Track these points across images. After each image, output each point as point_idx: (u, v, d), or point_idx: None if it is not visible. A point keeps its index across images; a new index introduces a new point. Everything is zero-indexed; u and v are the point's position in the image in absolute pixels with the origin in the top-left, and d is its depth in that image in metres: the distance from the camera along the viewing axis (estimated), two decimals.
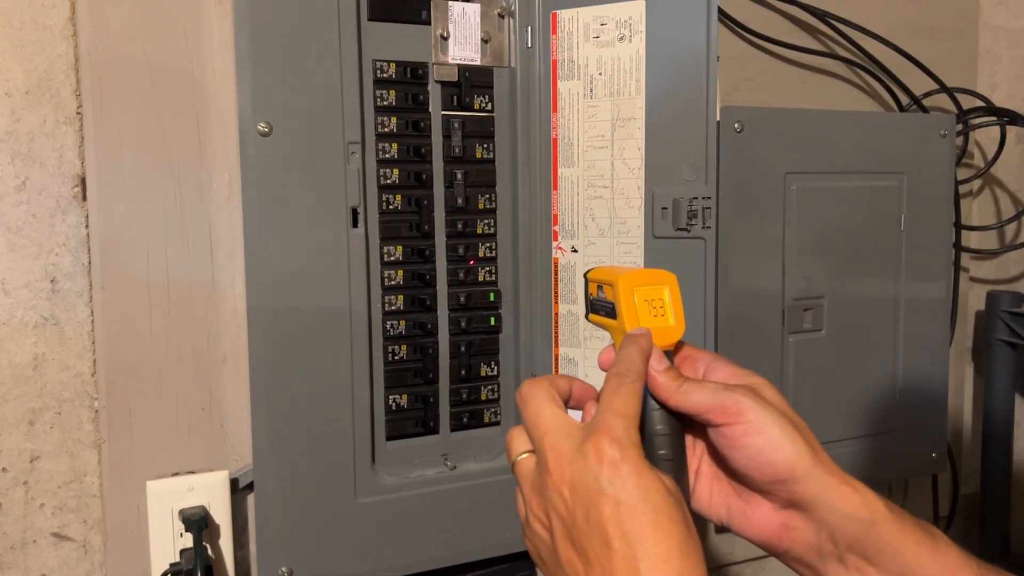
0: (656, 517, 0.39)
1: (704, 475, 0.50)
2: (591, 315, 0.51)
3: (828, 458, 0.45)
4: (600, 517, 0.40)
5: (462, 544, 0.76)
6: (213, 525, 0.72)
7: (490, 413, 0.79)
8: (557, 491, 0.42)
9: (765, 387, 0.47)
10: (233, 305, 0.73)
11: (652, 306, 0.48)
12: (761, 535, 0.47)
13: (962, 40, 1.07)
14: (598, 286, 0.50)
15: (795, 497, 0.45)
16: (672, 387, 0.46)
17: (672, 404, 0.46)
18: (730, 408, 0.44)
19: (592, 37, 0.75)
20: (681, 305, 0.49)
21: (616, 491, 0.40)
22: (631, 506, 0.39)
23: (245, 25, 0.66)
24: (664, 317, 0.48)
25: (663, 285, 0.48)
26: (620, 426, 0.42)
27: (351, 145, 0.70)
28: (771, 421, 0.44)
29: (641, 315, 0.48)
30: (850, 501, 0.44)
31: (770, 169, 0.83)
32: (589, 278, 0.51)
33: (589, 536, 0.40)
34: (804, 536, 0.46)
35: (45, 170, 0.68)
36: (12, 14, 0.66)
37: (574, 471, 0.41)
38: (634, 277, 0.48)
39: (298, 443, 0.70)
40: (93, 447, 0.71)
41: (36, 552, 0.70)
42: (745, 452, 0.45)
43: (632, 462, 0.40)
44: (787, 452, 0.44)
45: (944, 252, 0.94)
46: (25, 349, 0.68)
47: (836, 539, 0.44)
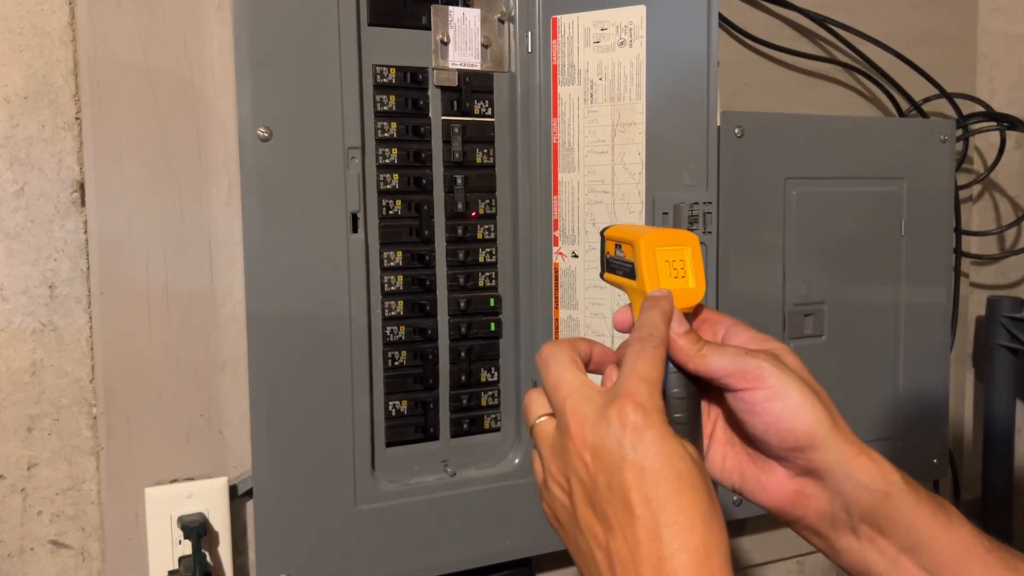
0: (680, 484, 0.39)
1: (718, 439, 0.49)
2: (607, 274, 0.49)
3: (847, 427, 0.44)
4: (623, 483, 0.39)
5: (462, 551, 0.76)
6: (212, 532, 0.71)
7: (490, 419, 0.79)
8: (579, 455, 0.41)
9: (786, 353, 0.46)
10: (232, 311, 0.73)
11: (673, 267, 0.47)
12: (774, 502, 0.47)
13: (961, 45, 1.07)
14: (616, 244, 0.48)
15: (812, 465, 0.44)
16: (692, 350, 0.45)
17: (691, 368, 0.45)
18: (751, 373, 0.43)
19: (592, 42, 0.75)
20: (702, 266, 0.47)
21: (640, 457, 0.39)
22: (655, 472, 0.39)
23: (245, 30, 0.66)
24: (684, 279, 0.47)
25: (685, 245, 0.47)
26: (644, 391, 0.41)
27: (351, 150, 0.70)
28: (792, 387, 0.43)
29: (662, 276, 0.46)
30: (867, 471, 0.43)
31: (770, 174, 0.83)
32: (607, 236, 0.49)
33: (611, 502, 0.40)
34: (818, 504, 0.45)
35: (44, 175, 0.68)
36: (11, 19, 0.66)
37: (597, 436, 0.41)
38: (656, 237, 0.46)
39: (297, 449, 0.70)
40: (91, 454, 0.70)
41: (34, 560, 0.69)
42: (764, 418, 0.44)
43: (656, 428, 0.40)
44: (807, 419, 0.43)
45: (944, 257, 0.94)
46: (23, 355, 0.68)
47: (850, 509, 0.44)
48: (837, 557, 0.47)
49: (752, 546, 0.96)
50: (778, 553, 0.97)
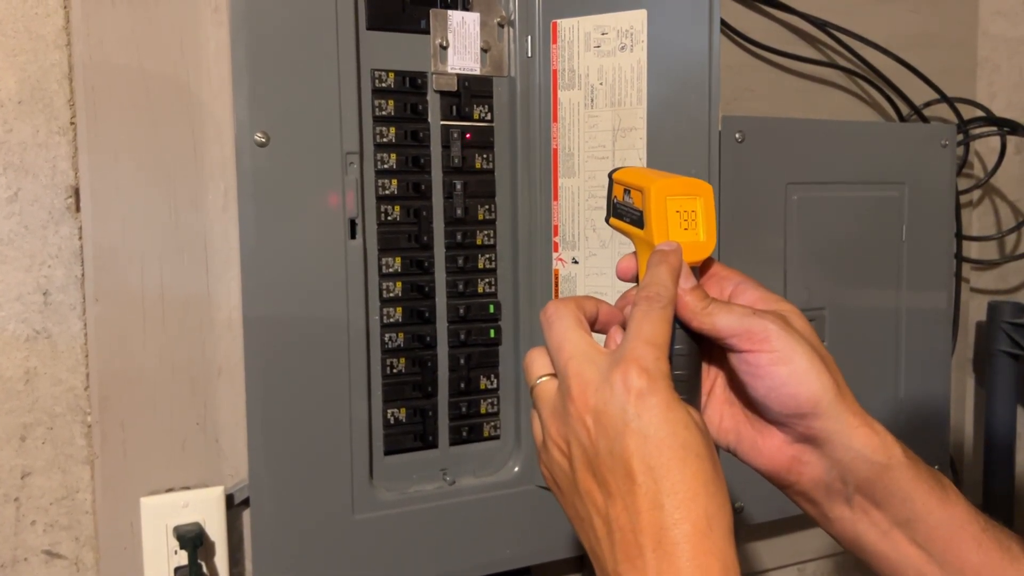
0: (684, 453, 0.38)
1: (716, 398, 0.48)
2: (612, 219, 0.47)
3: (851, 396, 0.43)
4: (625, 450, 0.38)
5: (461, 560, 0.75)
6: (208, 542, 0.70)
7: (490, 427, 0.78)
8: (580, 419, 0.40)
9: (794, 315, 0.45)
10: (228, 318, 0.72)
11: (683, 218, 0.44)
12: (769, 465, 0.46)
13: (961, 50, 1.06)
14: (625, 189, 0.46)
15: (812, 432, 0.43)
16: (697, 307, 0.43)
17: (695, 326, 0.43)
18: (757, 335, 0.42)
19: (593, 46, 0.74)
20: (714, 218, 0.45)
21: (643, 424, 0.38)
22: (658, 440, 0.38)
23: (242, 34, 0.65)
24: (695, 230, 0.44)
25: (697, 196, 0.44)
26: (650, 355, 0.39)
27: (349, 155, 0.69)
28: (799, 352, 0.42)
29: (671, 228, 0.44)
30: (868, 443, 0.43)
31: (771, 179, 0.82)
32: (615, 179, 0.46)
33: (612, 468, 0.39)
34: (814, 472, 0.44)
35: (38, 181, 0.67)
36: (5, 23, 0.65)
37: (599, 400, 0.39)
38: (668, 185, 0.44)
39: (294, 458, 0.69)
40: (86, 463, 0.69)
41: (27, 570, 0.68)
42: (768, 382, 0.43)
43: (661, 394, 0.39)
44: (812, 386, 0.42)
45: (945, 263, 0.93)
46: (16, 363, 0.67)
47: (846, 479, 0.43)
48: (828, 525, 0.46)
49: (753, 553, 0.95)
50: (779, 560, 0.97)
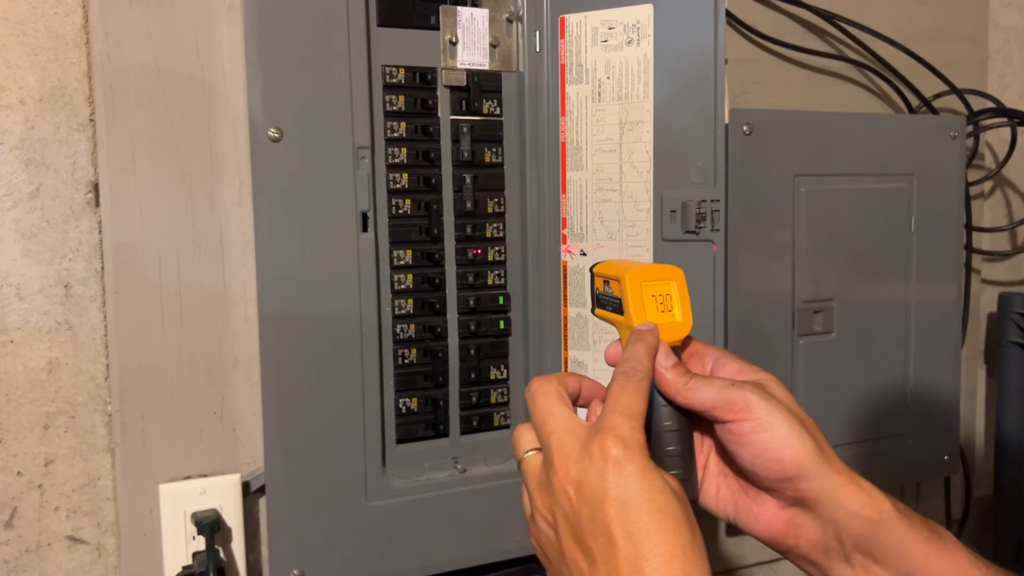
0: (661, 517, 0.39)
1: (711, 471, 0.50)
2: (597, 310, 0.50)
3: (835, 456, 0.45)
4: (605, 517, 0.40)
5: (473, 547, 0.76)
6: (225, 528, 0.72)
7: (500, 416, 0.79)
8: (563, 490, 0.42)
9: (773, 384, 0.47)
10: (244, 310, 0.73)
11: (659, 301, 0.47)
12: (767, 532, 0.47)
13: (972, 42, 1.06)
14: (604, 281, 0.49)
15: (801, 495, 0.45)
16: (679, 383, 0.46)
17: (679, 401, 0.46)
18: (738, 405, 0.44)
19: (600, 41, 0.75)
20: (688, 300, 0.48)
21: (621, 491, 0.40)
22: (636, 506, 0.40)
23: (255, 32, 0.67)
24: (671, 312, 0.48)
25: (671, 280, 0.48)
26: (625, 425, 0.42)
27: (361, 150, 0.71)
28: (779, 418, 0.44)
29: (648, 310, 0.47)
30: (856, 500, 0.44)
31: (779, 171, 0.83)
32: (596, 272, 0.50)
33: (594, 535, 0.40)
34: (810, 534, 0.46)
35: (59, 176, 0.69)
36: (26, 22, 0.67)
37: (580, 470, 0.41)
38: (642, 272, 0.47)
39: (309, 446, 0.70)
40: (107, 451, 0.71)
41: (51, 555, 0.70)
42: (752, 449, 0.44)
43: (637, 462, 0.40)
44: (794, 449, 0.44)
45: (955, 254, 0.94)
46: (39, 354, 0.69)
47: (842, 538, 0.44)
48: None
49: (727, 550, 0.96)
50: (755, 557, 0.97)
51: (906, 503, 0.45)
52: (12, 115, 0.67)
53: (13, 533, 0.69)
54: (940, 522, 1.10)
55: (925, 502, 1.07)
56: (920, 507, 1.07)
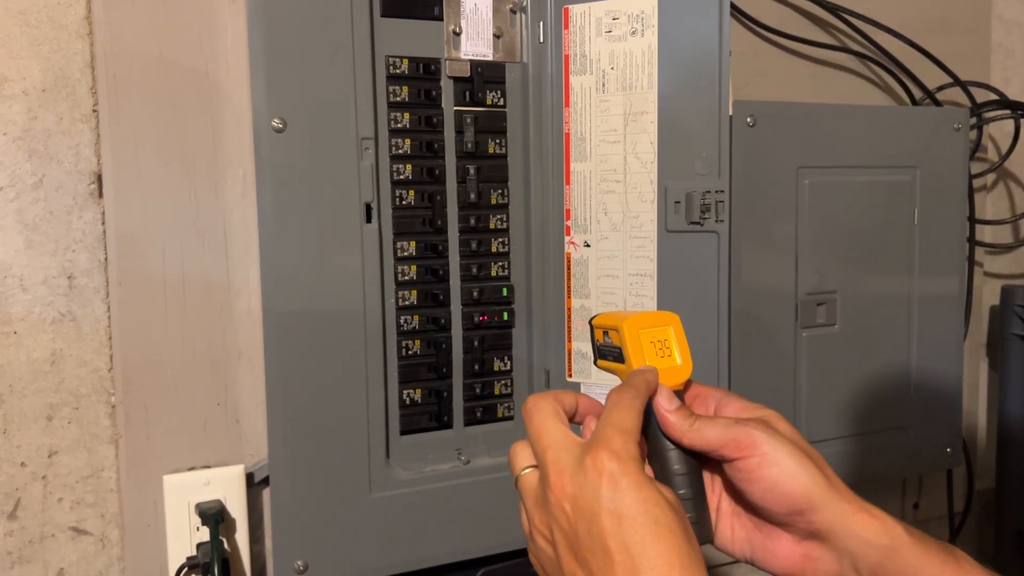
0: (657, 529, 0.40)
1: (725, 512, 0.50)
2: (599, 361, 0.51)
3: (843, 486, 0.45)
4: (601, 531, 0.40)
5: (476, 538, 0.76)
6: (229, 519, 0.72)
7: (503, 408, 0.79)
8: (559, 505, 0.42)
9: (777, 419, 0.47)
10: (247, 302, 0.73)
11: (658, 347, 0.49)
12: (785, 568, 0.47)
13: (975, 34, 1.06)
14: (604, 332, 0.50)
15: (814, 527, 0.45)
16: (684, 425, 0.46)
17: (686, 442, 0.46)
18: (743, 442, 0.45)
19: (604, 32, 0.75)
20: (687, 344, 0.49)
21: (616, 505, 0.40)
22: (631, 519, 0.40)
23: (259, 22, 0.67)
24: (671, 357, 0.49)
25: (667, 325, 0.49)
26: (618, 440, 0.42)
27: (364, 141, 0.71)
28: (784, 452, 0.44)
29: (648, 356, 0.48)
30: (869, 527, 0.44)
31: (782, 163, 0.83)
32: (595, 324, 0.51)
33: (592, 549, 0.41)
34: (827, 566, 0.46)
35: (62, 167, 0.69)
36: (29, 13, 0.67)
37: (575, 485, 0.42)
38: (638, 320, 0.49)
39: (313, 438, 0.70)
40: (110, 442, 0.71)
41: (55, 546, 0.70)
42: (761, 484, 0.45)
43: (631, 475, 0.41)
44: (802, 481, 0.44)
45: (958, 246, 0.93)
46: (43, 345, 0.69)
47: (858, 567, 0.44)
48: None
49: None
50: None
51: (908, 495, 0.45)
52: (15, 105, 0.67)
53: (17, 524, 0.69)
54: (942, 515, 1.10)
55: (927, 494, 1.07)
56: (922, 500, 1.07)
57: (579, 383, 0.78)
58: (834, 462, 0.47)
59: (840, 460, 0.88)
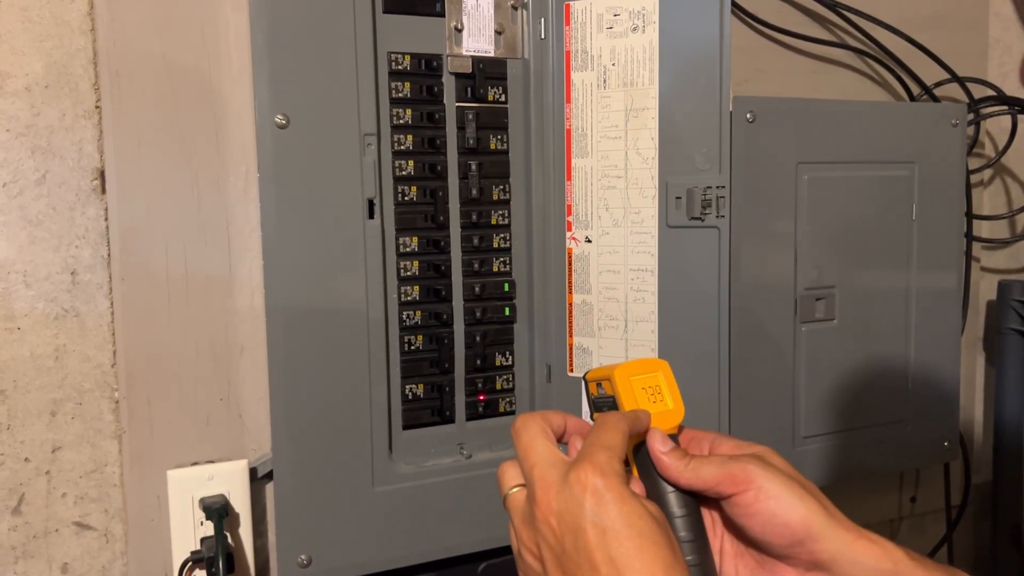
0: (641, 542, 0.40)
1: (727, 553, 0.50)
2: (595, 415, 0.52)
3: (841, 515, 0.46)
4: (587, 544, 0.41)
5: (478, 532, 0.77)
6: (233, 513, 0.72)
7: (505, 402, 0.80)
8: (545, 521, 0.43)
9: (770, 454, 0.48)
10: (250, 297, 0.74)
11: (649, 393, 0.49)
12: None
13: (972, 30, 1.07)
14: (597, 384, 0.51)
15: (815, 557, 0.45)
16: (680, 466, 0.47)
17: (684, 483, 0.47)
18: (739, 476, 0.45)
19: (605, 28, 0.75)
20: (677, 388, 0.50)
21: (601, 519, 0.41)
22: (616, 532, 0.41)
23: (261, 18, 0.67)
24: (663, 402, 0.49)
25: (656, 371, 0.50)
26: (603, 456, 0.43)
27: (367, 137, 0.71)
28: (780, 484, 0.45)
29: (640, 402, 0.49)
30: (870, 553, 0.44)
31: (782, 159, 0.83)
32: (588, 378, 0.52)
33: (578, 563, 0.41)
34: None
35: (65, 163, 0.69)
36: (31, 9, 0.67)
37: (560, 501, 0.42)
38: (628, 368, 0.49)
39: (316, 433, 0.71)
40: (114, 437, 0.72)
41: (58, 541, 0.71)
42: (760, 518, 0.45)
43: (615, 490, 0.42)
44: (800, 512, 0.44)
45: (955, 241, 0.94)
46: (46, 340, 0.69)
47: None
48: None
49: None
50: None
51: (906, 489, 0.46)
52: (18, 102, 0.67)
53: (21, 519, 0.69)
54: (939, 508, 1.11)
55: (924, 488, 1.08)
56: (920, 493, 1.08)
57: (581, 379, 0.79)
58: (832, 456, 0.47)
59: (838, 454, 0.88)
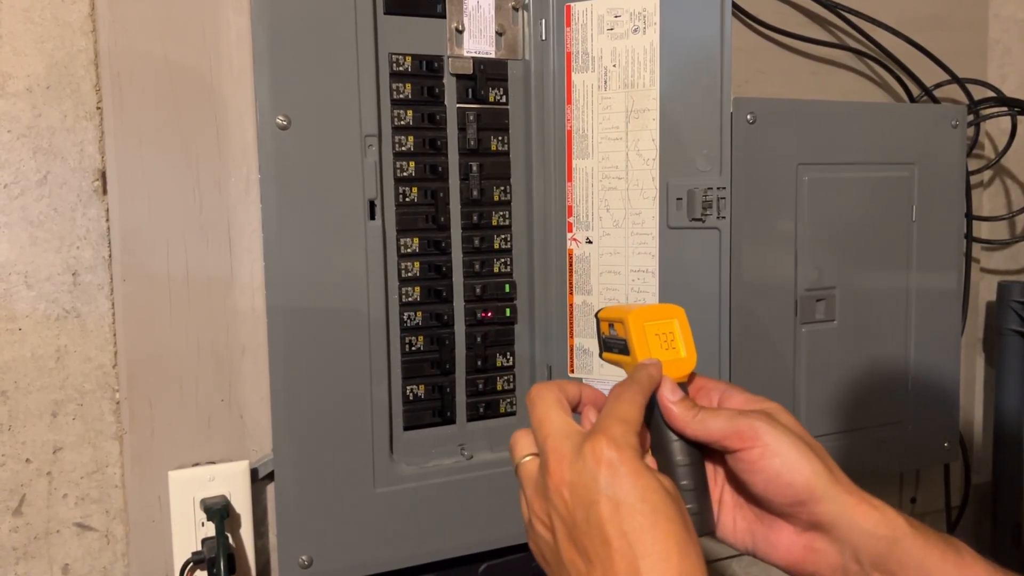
0: (655, 517, 0.40)
1: (727, 504, 0.50)
2: (605, 353, 0.52)
3: (845, 478, 0.46)
4: (599, 517, 0.41)
5: (479, 533, 0.77)
6: (234, 514, 0.72)
7: (506, 403, 0.80)
8: (558, 492, 0.43)
9: (779, 411, 0.47)
10: (251, 298, 0.74)
11: (663, 339, 0.49)
12: (786, 559, 0.48)
13: (972, 31, 1.07)
14: (609, 324, 0.51)
15: (815, 518, 0.45)
16: (688, 416, 0.47)
17: (689, 433, 0.47)
18: (746, 433, 0.45)
19: (606, 29, 0.75)
20: (691, 336, 0.49)
21: (614, 492, 0.41)
22: (629, 506, 0.40)
23: (263, 19, 0.67)
24: (675, 349, 0.49)
25: (672, 318, 0.49)
26: (618, 429, 0.42)
27: (368, 138, 0.71)
28: (787, 443, 0.45)
29: (653, 348, 0.48)
30: (870, 518, 0.44)
31: (782, 160, 0.83)
32: (600, 317, 0.52)
33: (590, 536, 0.41)
34: (828, 557, 0.46)
35: (66, 164, 0.69)
36: (33, 10, 0.67)
37: (574, 472, 0.42)
38: (644, 312, 0.49)
39: (317, 433, 0.71)
40: (115, 438, 0.72)
41: (60, 542, 0.71)
42: (764, 475, 0.45)
43: (630, 463, 0.41)
44: (804, 473, 0.44)
45: (955, 242, 0.94)
46: (48, 341, 0.69)
47: (860, 558, 0.45)
48: None
49: None
50: None
51: (906, 490, 0.46)
52: (19, 103, 0.67)
53: (22, 520, 0.69)
54: (939, 508, 1.11)
55: (925, 489, 1.08)
56: (920, 494, 1.08)
57: (581, 379, 0.79)
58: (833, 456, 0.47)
59: (838, 454, 0.88)
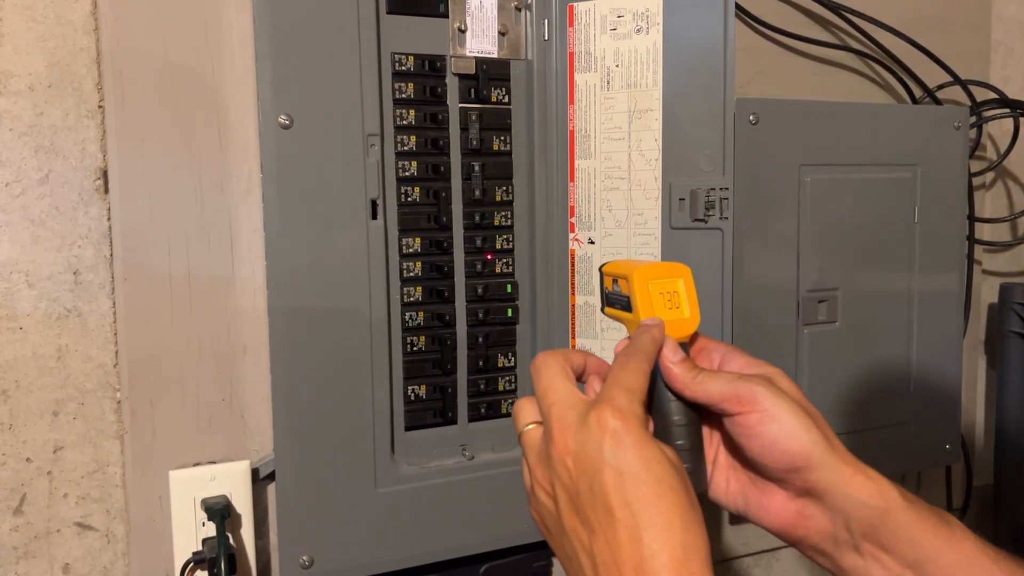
0: (659, 487, 0.40)
1: (721, 465, 0.50)
2: (607, 308, 0.51)
3: (842, 447, 0.45)
4: (603, 487, 0.40)
5: (480, 533, 0.77)
6: (235, 514, 0.72)
7: (507, 404, 0.80)
8: (561, 460, 0.42)
9: (780, 377, 0.47)
10: (252, 297, 0.74)
11: (667, 298, 0.48)
12: (777, 523, 0.48)
13: (975, 32, 1.07)
14: (613, 280, 0.50)
15: (809, 485, 0.45)
16: (687, 378, 0.46)
17: (688, 395, 0.46)
18: (745, 397, 0.45)
19: (609, 29, 0.75)
20: (696, 297, 0.49)
21: (619, 461, 0.40)
22: (634, 475, 0.40)
23: (265, 18, 0.67)
24: (679, 309, 0.48)
25: (677, 277, 0.49)
26: (624, 398, 0.42)
27: (370, 137, 0.71)
28: (786, 410, 0.45)
29: (656, 307, 0.48)
30: (864, 489, 0.44)
31: (784, 161, 0.83)
32: (604, 272, 0.51)
33: (593, 505, 0.41)
34: (819, 524, 0.46)
35: (68, 163, 0.69)
36: (35, 8, 0.67)
37: (577, 441, 0.42)
38: (649, 270, 0.48)
39: (318, 433, 0.71)
40: (116, 437, 0.71)
41: (60, 541, 0.71)
42: (760, 441, 0.45)
43: (634, 433, 0.41)
44: (801, 440, 0.44)
45: (957, 244, 0.94)
46: (49, 340, 0.69)
47: (851, 527, 0.45)
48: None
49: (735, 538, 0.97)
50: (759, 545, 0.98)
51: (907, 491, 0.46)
52: (21, 101, 0.67)
53: (22, 519, 0.69)
54: None
55: (926, 491, 1.08)
56: (922, 496, 1.07)
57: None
58: None
59: None
